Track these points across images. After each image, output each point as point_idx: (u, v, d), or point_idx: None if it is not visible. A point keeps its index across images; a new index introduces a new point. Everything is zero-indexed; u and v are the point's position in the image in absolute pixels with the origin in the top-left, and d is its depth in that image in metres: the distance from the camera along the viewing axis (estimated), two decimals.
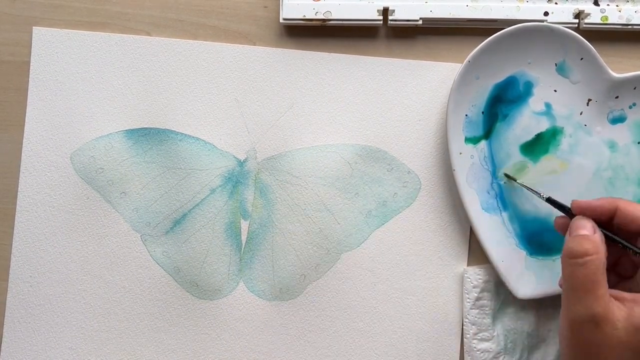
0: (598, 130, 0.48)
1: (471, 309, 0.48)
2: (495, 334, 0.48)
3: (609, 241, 0.40)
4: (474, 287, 0.48)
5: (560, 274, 0.39)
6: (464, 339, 0.48)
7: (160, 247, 0.48)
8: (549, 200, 0.44)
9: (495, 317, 0.48)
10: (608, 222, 0.41)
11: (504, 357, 0.48)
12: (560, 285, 0.41)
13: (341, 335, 0.48)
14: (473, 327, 0.47)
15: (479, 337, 0.48)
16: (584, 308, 0.37)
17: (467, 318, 0.48)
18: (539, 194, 0.45)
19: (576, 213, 0.41)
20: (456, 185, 0.47)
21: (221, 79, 0.48)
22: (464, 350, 0.48)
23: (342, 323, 0.48)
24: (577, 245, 0.38)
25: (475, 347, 0.47)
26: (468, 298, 0.48)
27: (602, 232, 0.40)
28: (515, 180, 0.47)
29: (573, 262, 0.38)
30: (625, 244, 0.40)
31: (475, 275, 0.48)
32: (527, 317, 0.48)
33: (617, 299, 0.38)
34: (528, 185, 0.46)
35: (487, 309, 0.48)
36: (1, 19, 0.48)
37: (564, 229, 0.42)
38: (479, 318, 0.48)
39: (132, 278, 0.48)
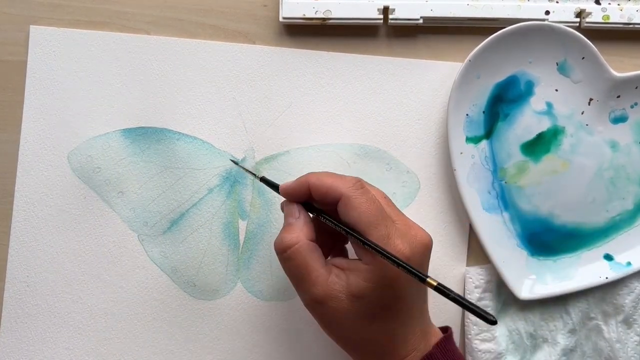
0: (599, 130, 0.48)
1: None
2: (496, 334, 0.47)
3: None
4: (475, 287, 0.47)
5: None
6: (466, 340, 0.47)
7: (158, 247, 0.47)
8: (263, 179, 0.44)
9: (497, 318, 0.47)
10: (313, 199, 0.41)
11: (506, 357, 0.47)
12: None
13: None
14: (475, 327, 0.47)
15: (480, 338, 0.47)
16: (306, 294, 0.39)
17: (468, 318, 0.47)
18: (254, 174, 0.46)
19: (284, 197, 0.41)
20: (456, 185, 0.47)
21: (220, 78, 0.48)
22: (466, 350, 0.48)
23: None
24: (279, 242, 0.39)
25: (476, 348, 0.47)
26: (470, 298, 0.47)
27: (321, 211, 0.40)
28: (237, 164, 0.47)
29: (281, 257, 0.40)
30: (329, 220, 0.40)
31: (477, 275, 0.47)
32: (528, 318, 0.48)
33: (340, 267, 0.39)
34: (247, 169, 0.47)
35: (489, 309, 0.47)
36: (0, 18, 0.48)
37: None
38: None
39: (129, 278, 0.47)
